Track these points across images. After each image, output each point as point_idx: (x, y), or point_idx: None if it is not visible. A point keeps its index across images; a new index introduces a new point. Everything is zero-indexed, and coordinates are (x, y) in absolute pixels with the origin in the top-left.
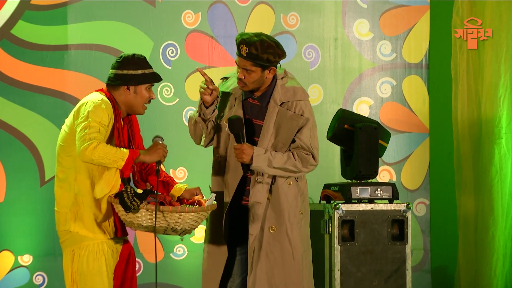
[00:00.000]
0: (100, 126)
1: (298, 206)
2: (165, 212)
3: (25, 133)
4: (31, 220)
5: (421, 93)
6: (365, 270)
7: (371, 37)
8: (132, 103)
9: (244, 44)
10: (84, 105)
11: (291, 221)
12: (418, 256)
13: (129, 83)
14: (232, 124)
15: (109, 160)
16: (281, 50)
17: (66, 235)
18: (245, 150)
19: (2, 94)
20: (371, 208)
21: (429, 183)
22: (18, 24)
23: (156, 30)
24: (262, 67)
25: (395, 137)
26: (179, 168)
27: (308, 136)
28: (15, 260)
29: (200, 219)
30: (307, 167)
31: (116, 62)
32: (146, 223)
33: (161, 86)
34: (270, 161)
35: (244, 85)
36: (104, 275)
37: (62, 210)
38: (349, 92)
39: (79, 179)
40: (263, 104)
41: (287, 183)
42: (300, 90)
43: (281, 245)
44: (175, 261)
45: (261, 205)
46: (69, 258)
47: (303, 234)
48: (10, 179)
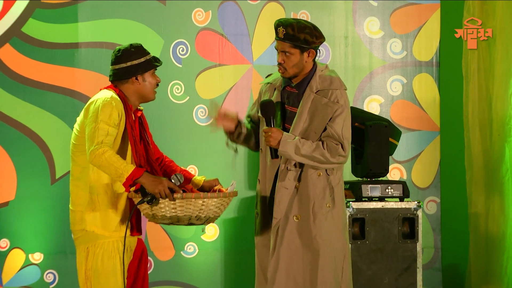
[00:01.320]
0: (109, 127)
1: (325, 198)
2: (188, 200)
3: (36, 131)
4: (42, 218)
5: (432, 91)
6: (376, 268)
7: (382, 35)
8: (143, 92)
9: (281, 26)
10: (93, 104)
11: (315, 212)
12: (429, 254)
13: (136, 73)
14: (264, 107)
15: (111, 172)
16: (318, 32)
17: (80, 233)
18: (273, 134)
19: (12, 92)
20: (381, 206)
21: (439, 181)
22: (29, 22)
23: (167, 28)
24: (301, 49)
25: (406, 135)
26: (190, 166)
27: (341, 126)
28: (26, 258)
29: (223, 206)
30: (336, 157)
31: (115, 57)
32: (170, 213)
33: (171, 84)
34: (298, 148)
35: (284, 70)
36: (118, 274)
37: (77, 208)
38: (359, 90)
39: (95, 177)
40: (300, 91)
41: (317, 173)
42: (337, 80)
43: (303, 236)
44: (186, 259)
45: (287, 191)
46: (83, 256)
47: (328, 227)
48: (20, 177)
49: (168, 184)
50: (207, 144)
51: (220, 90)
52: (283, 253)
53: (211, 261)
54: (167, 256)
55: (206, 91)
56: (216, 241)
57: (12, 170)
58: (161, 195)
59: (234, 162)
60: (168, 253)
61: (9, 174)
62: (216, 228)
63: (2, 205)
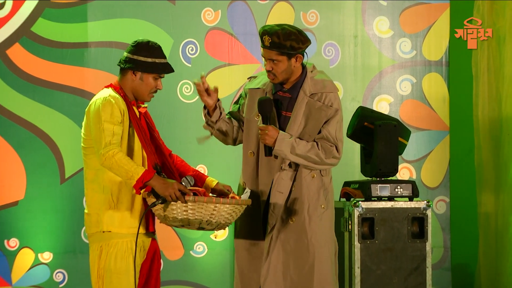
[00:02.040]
0: (114, 126)
1: (319, 200)
2: (200, 203)
3: (45, 131)
4: (51, 217)
5: (441, 91)
6: (385, 267)
7: (391, 34)
8: (137, 89)
9: (266, 35)
10: (93, 105)
11: (310, 213)
12: (438, 254)
13: (136, 68)
14: (261, 105)
15: (121, 174)
16: (304, 36)
17: (96, 234)
18: (269, 132)
19: (22, 92)
20: (391, 205)
21: (449, 180)
22: (38, 21)
23: (176, 27)
24: (288, 56)
25: (415, 135)
26: (199, 165)
27: (335, 128)
28: (35, 258)
29: (235, 213)
30: (330, 159)
31: (130, 46)
32: (181, 216)
33: (181, 83)
34: (293, 147)
35: (274, 77)
36: (131, 274)
37: (93, 211)
38: (369, 90)
39: (108, 177)
40: (293, 96)
41: (310, 175)
42: (330, 83)
43: (298, 237)
44: (195, 258)
45: (282, 195)
46: (96, 254)
47: (322, 228)
48: (30, 176)
49: (179, 186)
50: (216, 144)
51: (229, 89)
52: (276, 257)
53: (221, 261)
54: (176, 256)
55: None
56: (225, 241)
57: (21, 170)
58: (171, 198)
59: (202, 139)
60: (177, 252)
61: (19, 173)
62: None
63: (11, 205)
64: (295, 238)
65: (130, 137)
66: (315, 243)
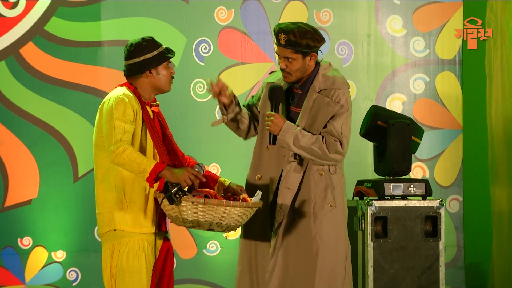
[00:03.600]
0: (125, 124)
1: (326, 198)
2: (210, 206)
3: (59, 129)
4: (64, 216)
5: (455, 90)
6: (398, 266)
7: (404, 33)
8: (158, 85)
9: (282, 32)
10: (106, 102)
11: (315, 212)
12: (452, 253)
13: (150, 66)
14: (271, 92)
15: (133, 169)
16: (319, 35)
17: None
18: (275, 120)
19: (35, 91)
20: (404, 204)
21: (462, 179)
22: (52, 20)
23: (189, 26)
24: (303, 54)
25: (428, 134)
26: (212, 164)
27: (340, 124)
28: (48, 256)
29: (246, 215)
30: (333, 153)
31: (128, 52)
32: (191, 217)
33: (194, 82)
34: (298, 139)
35: (288, 75)
36: (143, 273)
37: (105, 210)
38: (382, 89)
39: (119, 176)
40: (303, 91)
41: (319, 173)
42: (340, 79)
43: (302, 235)
44: (208, 257)
45: (290, 192)
46: (108, 253)
47: (329, 227)
48: (43, 175)
49: (192, 171)
50: (229, 143)
51: (242, 88)
52: (281, 255)
53: (233, 260)
54: (189, 254)
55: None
56: (238, 240)
57: (35, 169)
58: (187, 183)
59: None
60: (190, 251)
61: (32, 172)
62: None
63: (25, 203)
64: (300, 237)
65: (142, 137)
66: (319, 241)
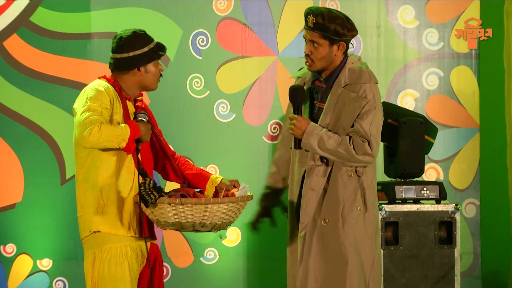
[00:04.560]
0: (101, 109)
1: (356, 201)
2: (188, 205)
3: (45, 128)
4: (51, 221)
5: (471, 85)
6: (410, 275)
7: (417, 24)
8: (145, 83)
9: (311, 14)
10: (82, 93)
11: (344, 215)
12: (468, 261)
13: (139, 64)
14: (292, 93)
15: (113, 142)
16: (351, 24)
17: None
18: (298, 123)
19: (20, 86)
20: (416, 209)
21: (479, 182)
22: (38, 11)
23: (186, 17)
24: (330, 41)
25: (443, 133)
26: (210, 165)
27: (369, 122)
28: (33, 265)
29: (232, 211)
30: (362, 155)
31: (117, 45)
32: (172, 219)
33: (190, 77)
34: (323, 141)
35: (312, 63)
36: (127, 281)
37: (85, 211)
38: (393, 84)
39: (99, 174)
40: (328, 86)
41: (347, 174)
42: (366, 73)
43: (331, 241)
44: (205, 265)
45: (315, 193)
46: (90, 261)
47: (357, 232)
48: (28, 177)
49: (141, 124)
50: (228, 141)
51: (243, 84)
52: (312, 261)
53: (233, 268)
54: (185, 263)
55: (228, 85)
56: (238, 246)
57: (19, 170)
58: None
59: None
60: (186, 259)
61: (16, 174)
62: (238, 232)
63: (8, 208)
64: (327, 241)
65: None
66: (348, 246)
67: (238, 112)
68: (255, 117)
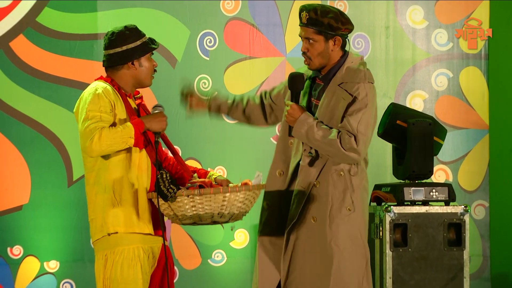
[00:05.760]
0: (101, 114)
1: (345, 201)
2: (207, 195)
3: (52, 129)
4: (58, 223)
5: (480, 86)
6: (419, 277)
7: (426, 25)
8: (139, 78)
9: (304, 10)
10: (80, 100)
11: (332, 215)
12: (477, 263)
13: (133, 57)
14: (291, 80)
15: (118, 144)
16: (345, 18)
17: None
18: (291, 110)
19: (27, 87)
20: (425, 210)
21: (488, 183)
22: (44, 11)
23: (193, 18)
24: (325, 36)
25: (452, 134)
26: (218, 167)
27: (357, 120)
28: (40, 267)
29: (248, 200)
30: (347, 150)
31: (109, 41)
32: (190, 212)
33: (198, 78)
34: (312, 132)
35: (309, 61)
36: (139, 284)
37: (98, 215)
38: (401, 85)
39: (110, 175)
40: (325, 83)
41: (338, 173)
42: (362, 72)
43: (317, 239)
44: (213, 267)
45: (305, 190)
46: (101, 263)
47: (346, 232)
48: (35, 179)
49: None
50: (236, 143)
51: (250, 84)
52: (296, 257)
53: (241, 270)
54: (193, 265)
55: (236, 86)
56: (245, 248)
57: (26, 172)
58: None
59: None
60: (194, 261)
61: (23, 175)
62: (245, 234)
63: (15, 209)
64: (314, 240)
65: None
66: (334, 247)
67: None
68: None
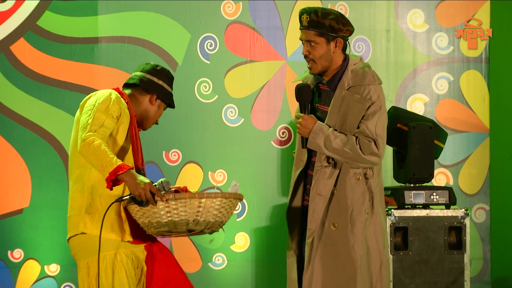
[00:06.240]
0: (106, 118)
1: (364, 205)
2: (182, 200)
3: (52, 133)
4: (58, 226)
5: (481, 90)
6: (420, 281)
7: (426, 28)
8: (149, 115)
9: (305, 13)
10: (92, 96)
11: (353, 219)
12: (477, 267)
13: (159, 95)
14: (298, 92)
15: (96, 163)
16: (345, 19)
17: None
18: (303, 122)
19: (27, 91)
20: (426, 214)
21: (489, 187)
22: (45, 15)
23: (194, 21)
24: (327, 38)
25: (452, 137)
26: (218, 170)
27: (374, 123)
28: (41, 270)
29: (224, 209)
30: (368, 155)
31: (153, 68)
32: (166, 219)
33: (198, 82)
34: (329, 141)
35: (312, 64)
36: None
37: (75, 213)
38: (402, 89)
39: (91, 176)
40: (331, 88)
41: (355, 177)
42: (370, 74)
43: (339, 245)
44: (214, 271)
45: (322, 198)
46: (84, 272)
47: (366, 235)
48: (35, 182)
49: (151, 187)
50: (236, 146)
51: (251, 88)
52: (319, 266)
53: (241, 273)
54: (193, 268)
55: (236, 90)
56: (246, 252)
57: (26, 175)
58: (141, 197)
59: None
60: (194, 264)
61: (24, 179)
62: (246, 237)
63: (15, 213)
64: (337, 246)
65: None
66: (357, 250)
67: (247, 116)
68: (264, 121)
